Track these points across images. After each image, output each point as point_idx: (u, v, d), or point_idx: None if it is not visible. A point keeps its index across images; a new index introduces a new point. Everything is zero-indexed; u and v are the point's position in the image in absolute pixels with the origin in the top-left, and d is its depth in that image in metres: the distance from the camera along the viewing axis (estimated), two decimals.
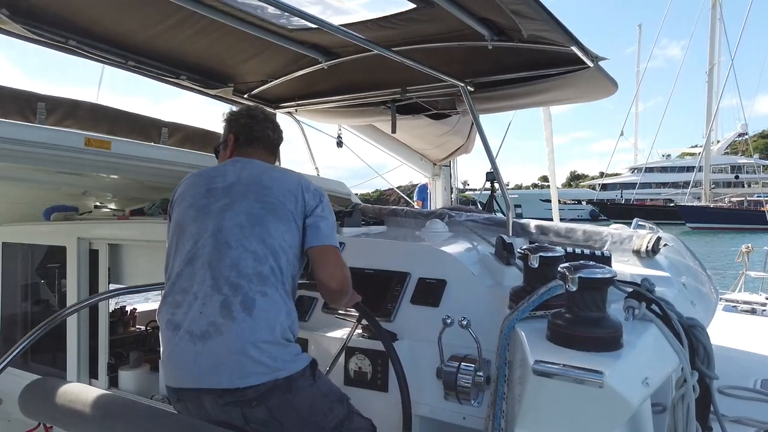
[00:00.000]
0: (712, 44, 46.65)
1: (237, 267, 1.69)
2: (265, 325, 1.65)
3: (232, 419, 1.64)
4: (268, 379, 1.61)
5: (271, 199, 1.79)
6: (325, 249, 1.82)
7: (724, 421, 2.40)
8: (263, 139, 2.07)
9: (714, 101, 44.69)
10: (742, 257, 6.01)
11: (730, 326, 4.41)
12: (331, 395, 1.79)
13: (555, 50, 2.60)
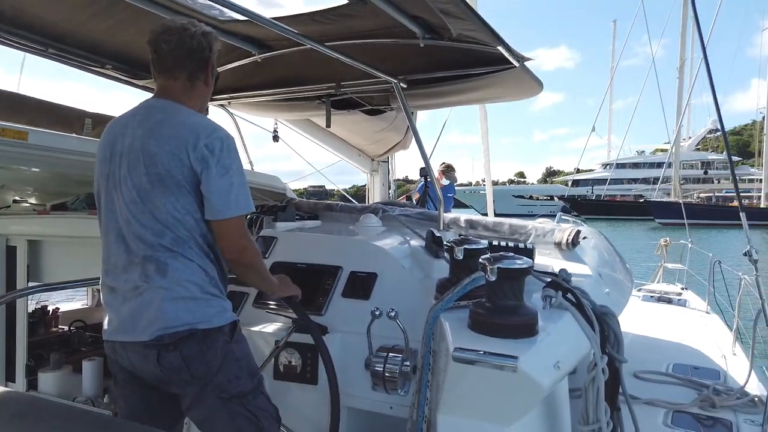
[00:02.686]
0: (683, 41, 48.54)
1: (142, 240, 1.73)
2: (182, 283, 1.70)
3: (148, 362, 1.70)
4: (185, 329, 1.67)
5: (157, 169, 1.71)
6: (219, 224, 1.75)
7: (637, 403, 2.60)
8: (173, 64, 1.80)
9: (684, 98, 46.22)
10: (661, 250, 6.26)
11: (648, 315, 4.64)
12: (245, 363, 1.80)
13: (483, 50, 2.68)
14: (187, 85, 1.83)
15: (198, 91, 1.87)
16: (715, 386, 2.94)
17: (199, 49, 1.81)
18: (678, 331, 4.16)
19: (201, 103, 1.93)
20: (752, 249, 3.25)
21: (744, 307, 3.76)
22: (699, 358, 3.54)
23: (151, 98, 1.86)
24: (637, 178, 60.55)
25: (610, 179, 56.20)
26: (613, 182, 57.93)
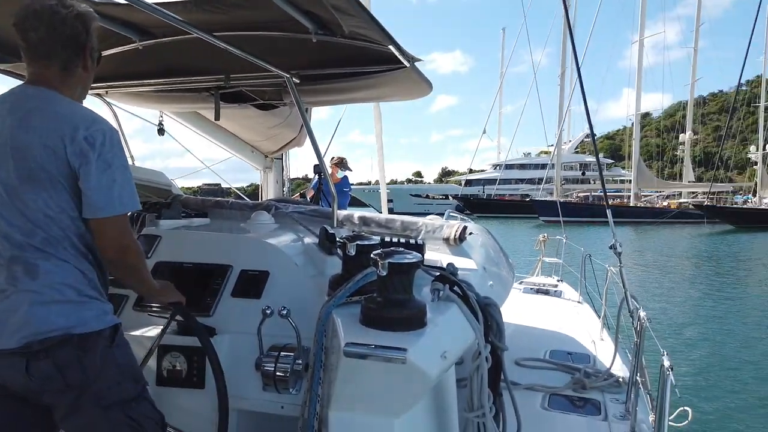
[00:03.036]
0: (564, 51, 51.61)
1: (8, 240, 1.59)
2: (54, 286, 1.58)
3: (16, 372, 1.55)
4: (57, 334, 1.54)
5: (28, 163, 1.56)
6: (99, 222, 1.62)
7: (518, 388, 2.76)
8: (45, 53, 1.63)
9: (565, 104, 49.26)
10: (540, 246, 6.67)
11: (527, 305, 4.93)
12: (127, 369, 1.69)
13: (375, 48, 2.71)
14: (63, 72, 1.66)
15: (76, 79, 1.71)
16: (586, 370, 3.16)
17: (73, 36, 1.65)
18: (554, 320, 4.44)
19: (81, 91, 1.77)
20: (617, 243, 3.58)
21: (611, 296, 4.07)
22: (572, 344, 3.79)
23: (21, 85, 1.68)
24: (523, 178, 63.92)
25: (500, 179, 59.19)
26: (502, 182, 60.99)
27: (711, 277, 16.31)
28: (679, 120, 62.84)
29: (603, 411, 2.74)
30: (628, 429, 2.59)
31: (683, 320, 10.27)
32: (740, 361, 7.82)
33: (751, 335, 9.25)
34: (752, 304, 12.21)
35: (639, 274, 16.43)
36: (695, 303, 12.12)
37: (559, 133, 50.70)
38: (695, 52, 53.41)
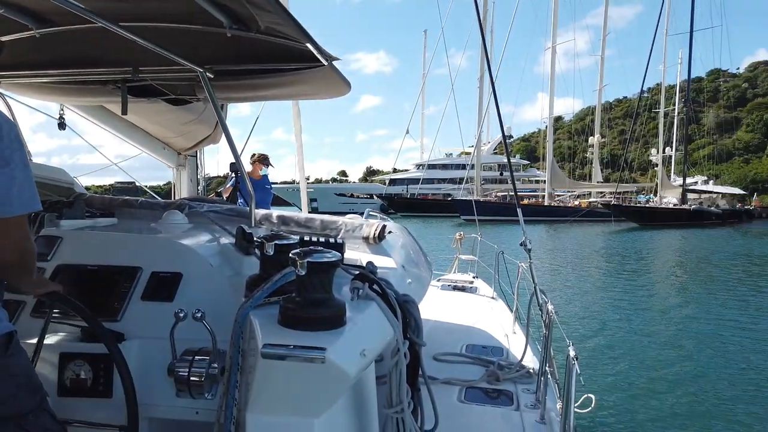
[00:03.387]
0: (482, 54, 52.98)
1: None
2: None
3: None
4: None
5: None
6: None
7: (436, 383, 2.83)
8: None
9: (484, 106, 50.71)
10: (456, 243, 6.86)
11: (445, 302, 5.07)
12: (23, 380, 1.58)
13: (292, 45, 2.66)
14: None
15: None
16: (500, 362, 3.28)
17: None
18: (470, 315, 4.58)
19: None
20: (527, 240, 3.75)
21: (522, 291, 4.24)
22: (487, 338, 3.92)
23: None
24: (445, 178, 65.27)
25: (423, 179, 60.26)
26: (425, 182, 62.13)
27: (616, 272, 17.36)
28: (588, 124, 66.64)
29: (515, 401, 2.85)
30: (538, 417, 2.68)
31: (590, 312, 10.86)
32: (640, 349, 8.33)
33: (650, 326, 9.93)
34: (652, 296, 13.11)
35: (552, 269, 17.26)
36: (601, 296, 12.83)
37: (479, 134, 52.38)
38: (602, 60, 56.84)
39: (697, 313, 11.01)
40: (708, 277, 16.23)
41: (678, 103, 58.13)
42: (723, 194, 55.34)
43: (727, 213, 48.85)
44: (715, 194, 54.53)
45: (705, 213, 46.31)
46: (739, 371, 7.24)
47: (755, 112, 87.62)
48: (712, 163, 70.44)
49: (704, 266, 19.00)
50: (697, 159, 71.84)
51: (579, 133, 73.09)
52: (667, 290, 14.04)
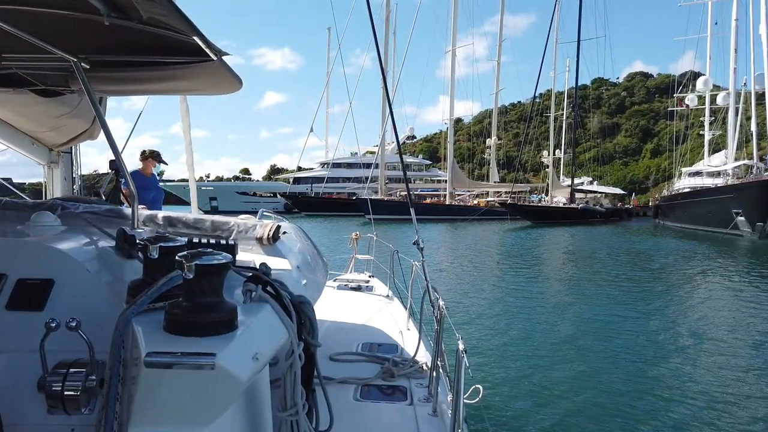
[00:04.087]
0: (386, 55, 53.43)
1: None
2: None
3: None
4: None
5: None
6: None
7: (332, 383, 2.90)
8: None
9: (387, 106, 50.95)
10: (353, 243, 6.88)
11: (341, 301, 5.09)
12: None
13: (178, 38, 2.52)
14: None
15: None
16: (394, 359, 3.33)
17: None
18: (365, 314, 4.63)
19: None
20: (419, 239, 3.84)
21: (416, 289, 4.30)
22: (382, 336, 3.96)
23: None
24: (350, 177, 65.63)
25: (328, 178, 60.01)
26: (330, 180, 61.92)
27: (509, 267, 18.24)
28: (486, 126, 69.68)
29: (409, 396, 2.90)
30: (430, 410, 2.75)
31: (483, 307, 11.29)
32: (527, 340, 8.75)
33: (538, 317, 10.47)
34: (541, 289, 13.87)
35: (451, 266, 17.83)
36: (494, 291, 13.41)
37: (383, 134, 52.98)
38: (498, 66, 59.62)
39: (583, 305, 11.79)
40: (594, 271, 17.44)
41: (566, 108, 62.23)
42: (606, 194, 60.03)
43: (610, 211, 53.02)
44: (600, 194, 59.02)
45: (591, 211, 49.96)
46: (622, 358, 7.77)
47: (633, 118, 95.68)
48: (596, 165, 76.06)
49: (590, 261, 20.46)
50: (583, 161, 77.18)
51: (477, 135, 76.26)
52: (556, 284, 14.93)
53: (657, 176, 76.49)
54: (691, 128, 55.39)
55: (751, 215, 28.02)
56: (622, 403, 6.03)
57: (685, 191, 42.64)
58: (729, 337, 8.87)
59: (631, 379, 6.82)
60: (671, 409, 5.85)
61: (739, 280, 14.99)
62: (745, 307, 11.40)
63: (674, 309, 11.34)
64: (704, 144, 49.74)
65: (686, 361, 7.63)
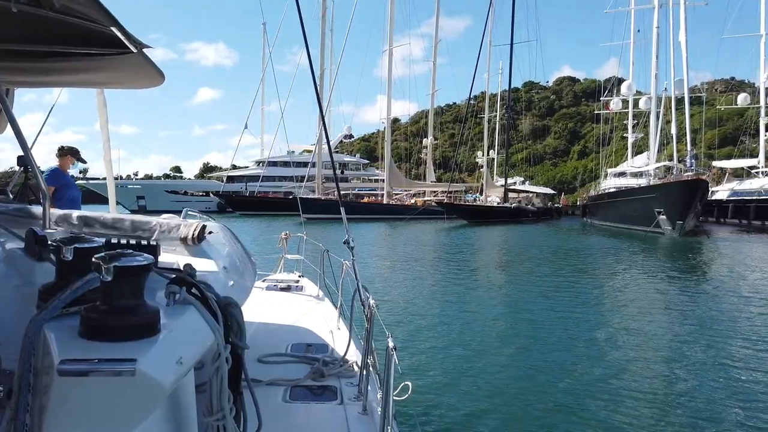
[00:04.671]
0: (323, 53, 52.92)
1: None
2: None
3: None
4: None
5: None
6: None
7: (260, 385, 2.87)
8: None
9: (324, 104, 50.72)
10: (282, 242, 6.80)
11: (270, 302, 5.03)
12: None
13: (94, 28, 2.38)
14: None
15: None
16: (324, 359, 3.33)
17: None
18: (295, 314, 4.60)
19: None
20: (350, 238, 3.86)
21: (347, 288, 4.29)
22: (312, 336, 3.95)
23: None
24: (287, 175, 64.91)
25: (263, 176, 58.91)
26: (266, 179, 60.87)
27: (444, 265, 18.54)
28: (422, 126, 70.50)
29: (339, 396, 2.92)
30: (360, 409, 2.76)
31: (416, 304, 11.37)
32: (458, 336, 8.87)
33: (469, 313, 10.68)
34: (473, 286, 14.14)
35: (387, 265, 17.92)
36: (427, 288, 13.58)
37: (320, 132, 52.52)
38: (434, 66, 60.45)
39: (514, 301, 12.14)
40: (526, 269, 18.00)
41: (500, 110, 63.98)
42: (537, 194, 62.10)
43: (541, 210, 54.97)
44: (532, 193, 60.98)
45: (523, 211, 51.63)
46: (551, 352, 8.01)
47: (561, 121, 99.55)
48: (527, 165, 78.68)
49: (523, 259, 21.13)
50: (516, 161, 79.68)
51: (415, 135, 77.02)
52: (489, 281, 15.27)
53: (584, 176, 80.00)
54: (615, 131, 58.26)
55: (672, 214, 29.71)
56: (550, 396, 6.20)
57: (611, 191, 44.79)
58: (651, 328, 9.34)
59: (560, 372, 7.03)
60: (597, 400, 6.06)
61: (659, 276, 15.80)
62: (665, 300, 12.06)
63: (601, 304, 11.85)
64: (628, 146, 52.49)
65: (613, 353, 7.94)
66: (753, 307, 11.04)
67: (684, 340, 8.56)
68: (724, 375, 6.93)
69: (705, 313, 10.57)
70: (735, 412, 5.72)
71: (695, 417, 5.60)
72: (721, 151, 59.54)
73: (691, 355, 7.79)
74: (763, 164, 45.49)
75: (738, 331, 9.07)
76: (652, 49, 38.90)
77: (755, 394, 6.29)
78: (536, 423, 5.52)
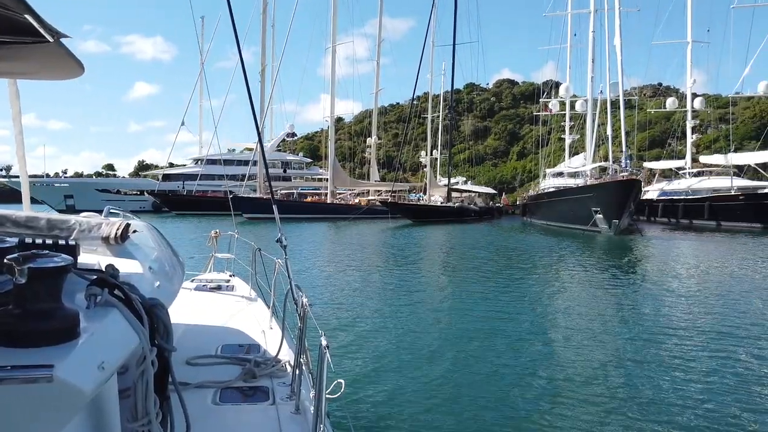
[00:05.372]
0: (263, 49, 51.89)
1: None
2: None
3: None
4: None
5: None
6: None
7: (189, 388, 2.81)
8: None
9: (266, 101, 49.73)
10: (212, 241, 6.66)
11: (200, 303, 4.99)
12: None
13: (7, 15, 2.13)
14: None
15: None
16: (256, 359, 3.28)
17: None
18: (226, 315, 4.56)
19: None
20: (282, 237, 3.83)
21: (280, 287, 4.22)
22: (244, 336, 3.91)
23: None
24: (227, 174, 63.70)
25: (201, 174, 57.22)
26: (204, 177, 59.20)
27: (384, 264, 18.54)
28: (366, 126, 70.56)
29: (272, 396, 2.89)
30: (293, 408, 2.75)
31: (352, 303, 11.25)
32: (390, 333, 8.82)
33: (404, 312, 10.59)
34: (413, 285, 14.11)
35: (326, 264, 17.73)
36: (364, 287, 13.45)
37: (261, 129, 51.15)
38: (378, 65, 60.59)
39: (451, 299, 12.19)
40: (467, 267, 18.21)
41: (442, 111, 64.76)
42: (480, 193, 63.28)
43: (483, 210, 56.07)
44: (474, 193, 62.07)
45: (466, 210, 52.49)
46: (485, 348, 8.05)
47: (501, 122, 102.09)
48: (469, 165, 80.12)
49: (464, 257, 21.41)
50: (458, 162, 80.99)
51: (358, 134, 76.87)
52: (428, 280, 15.32)
53: (523, 176, 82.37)
54: (552, 133, 60.19)
55: (608, 213, 30.85)
56: (483, 393, 6.19)
57: (550, 191, 46.18)
58: (589, 324, 9.52)
59: (495, 369, 7.06)
60: (531, 397, 6.08)
61: (595, 273, 16.38)
62: (600, 296, 12.39)
63: (538, 301, 12.03)
64: (565, 147, 54.28)
65: (551, 350, 8.05)
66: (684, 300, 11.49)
67: (621, 335, 8.74)
68: (658, 367, 7.11)
69: (641, 308, 10.89)
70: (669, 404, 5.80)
71: (628, 412, 5.65)
72: (650, 153, 62.51)
73: (628, 349, 7.95)
74: (690, 166, 48.07)
75: (673, 325, 9.38)
76: (588, 53, 40.27)
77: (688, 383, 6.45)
78: (468, 420, 5.51)
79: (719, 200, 38.68)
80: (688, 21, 47.63)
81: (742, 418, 5.41)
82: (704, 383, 6.43)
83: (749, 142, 58.51)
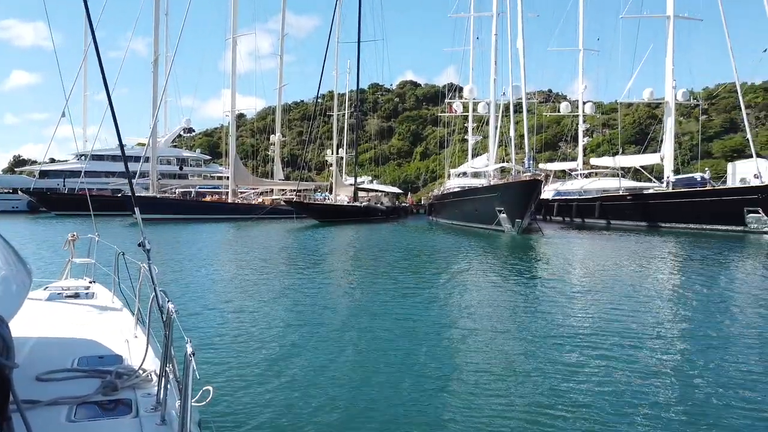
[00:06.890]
0: (156, 39, 48.06)
1: None
2: None
3: None
4: None
5: None
6: None
7: (39, 406, 2.65)
8: None
9: (159, 93, 46.03)
10: (69, 245, 6.17)
11: (53, 313, 4.61)
12: None
13: None
14: None
15: None
16: (117, 371, 3.10)
17: None
18: (85, 325, 4.26)
19: None
20: (145, 240, 3.67)
21: (145, 293, 3.92)
22: (103, 348, 3.66)
23: None
24: (116, 171, 58.97)
25: (86, 171, 52.15)
26: (89, 175, 54.22)
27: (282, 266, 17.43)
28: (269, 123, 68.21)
29: (135, 408, 2.75)
30: (158, 420, 2.63)
31: (226, 308, 10.46)
32: (266, 339, 8.23)
33: (286, 316, 9.86)
34: (304, 287, 13.19)
35: (219, 268, 16.45)
36: (256, 290, 12.49)
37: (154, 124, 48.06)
38: (281, 60, 58.88)
39: (344, 298, 11.64)
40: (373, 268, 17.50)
41: (348, 109, 64.09)
42: (386, 193, 63.27)
43: (390, 209, 56.05)
44: (380, 192, 61.94)
45: (373, 210, 52.18)
46: (374, 348, 7.76)
47: (404, 123, 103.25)
48: (374, 165, 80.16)
49: (372, 258, 20.62)
50: (363, 161, 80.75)
51: (261, 132, 74.26)
52: (323, 281, 14.54)
53: (426, 176, 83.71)
54: (454, 134, 61.42)
55: (511, 213, 31.62)
56: (362, 397, 5.93)
57: (455, 190, 46.89)
58: (494, 323, 9.31)
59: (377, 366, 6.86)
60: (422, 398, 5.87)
61: (498, 271, 16.53)
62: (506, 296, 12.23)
63: (441, 299, 11.73)
64: (468, 148, 55.54)
65: (447, 345, 7.96)
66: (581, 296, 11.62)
67: (523, 334, 8.60)
68: (558, 357, 7.23)
69: (542, 306, 10.88)
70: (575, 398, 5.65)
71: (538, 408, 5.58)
72: (543, 155, 65.59)
73: (529, 348, 7.83)
74: (581, 167, 50.89)
75: (572, 322, 9.39)
76: (491, 56, 41.21)
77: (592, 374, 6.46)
78: (347, 425, 5.21)
79: (609, 200, 41.14)
80: (580, 30, 50.35)
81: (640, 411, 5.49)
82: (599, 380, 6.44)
83: (629, 146, 63.00)
